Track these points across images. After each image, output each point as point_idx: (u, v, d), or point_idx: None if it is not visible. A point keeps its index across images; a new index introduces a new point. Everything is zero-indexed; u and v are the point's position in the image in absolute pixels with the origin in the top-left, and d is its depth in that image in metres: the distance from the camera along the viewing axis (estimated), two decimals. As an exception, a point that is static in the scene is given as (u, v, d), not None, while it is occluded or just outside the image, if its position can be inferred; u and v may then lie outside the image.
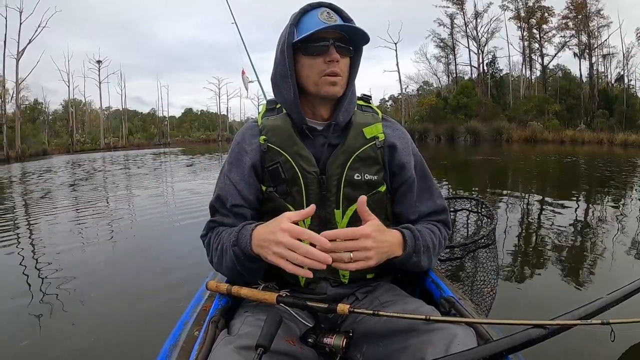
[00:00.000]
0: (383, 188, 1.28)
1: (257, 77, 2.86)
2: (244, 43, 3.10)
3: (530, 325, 0.94)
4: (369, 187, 1.25)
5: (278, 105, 1.33)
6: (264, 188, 1.26)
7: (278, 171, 1.23)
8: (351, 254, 1.00)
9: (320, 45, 1.17)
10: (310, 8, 1.22)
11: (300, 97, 1.24)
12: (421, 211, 1.33)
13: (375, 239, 1.03)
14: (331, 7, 1.22)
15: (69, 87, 43.45)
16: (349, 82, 1.25)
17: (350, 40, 1.21)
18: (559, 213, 5.82)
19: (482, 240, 1.95)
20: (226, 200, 1.27)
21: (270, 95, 1.37)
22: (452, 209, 2.39)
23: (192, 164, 16.86)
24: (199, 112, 68.72)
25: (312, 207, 1.03)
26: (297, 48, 1.20)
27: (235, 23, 3.27)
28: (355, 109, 1.31)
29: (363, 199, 1.05)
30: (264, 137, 1.26)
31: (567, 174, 11.49)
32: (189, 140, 52.69)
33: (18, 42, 31.56)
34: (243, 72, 3.99)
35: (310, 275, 0.99)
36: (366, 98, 1.37)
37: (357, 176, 1.24)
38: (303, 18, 1.22)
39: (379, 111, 1.34)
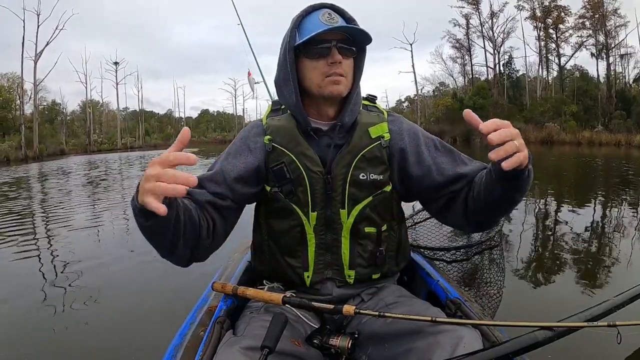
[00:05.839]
0: (389, 188, 1.27)
1: (263, 78, 2.84)
2: (249, 43, 3.08)
3: (537, 327, 0.93)
4: (375, 186, 1.24)
5: (283, 106, 1.32)
6: (268, 188, 1.25)
7: (283, 171, 1.22)
8: (516, 142, 0.90)
9: (322, 48, 1.16)
10: (312, 10, 1.21)
11: (304, 99, 1.24)
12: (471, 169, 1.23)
13: None
14: (333, 7, 1.21)
15: (86, 88, 44.09)
16: (353, 83, 1.24)
17: (352, 41, 1.19)
18: (570, 214, 5.77)
19: (489, 241, 1.93)
20: (205, 186, 1.19)
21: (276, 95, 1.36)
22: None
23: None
24: (215, 113, 69.31)
25: (186, 130, 0.84)
26: (299, 51, 1.19)
27: (241, 23, 3.24)
28: (361, 108, 1.29)
29: (467, 111, 0.96)
30: (268, 137, 1.26)
31: (582, 176, 11.32)
32: (205, 140, 52.97)
33: (36, 44, 32.06)
34: (249, 74, 3.98)
35: (163, 210, 0.81)
36: (372, 98, 1.36)
37: (363, 176, 1.23)
38: (304, 20, 1.20)
39: (384, 111, 1.33)
